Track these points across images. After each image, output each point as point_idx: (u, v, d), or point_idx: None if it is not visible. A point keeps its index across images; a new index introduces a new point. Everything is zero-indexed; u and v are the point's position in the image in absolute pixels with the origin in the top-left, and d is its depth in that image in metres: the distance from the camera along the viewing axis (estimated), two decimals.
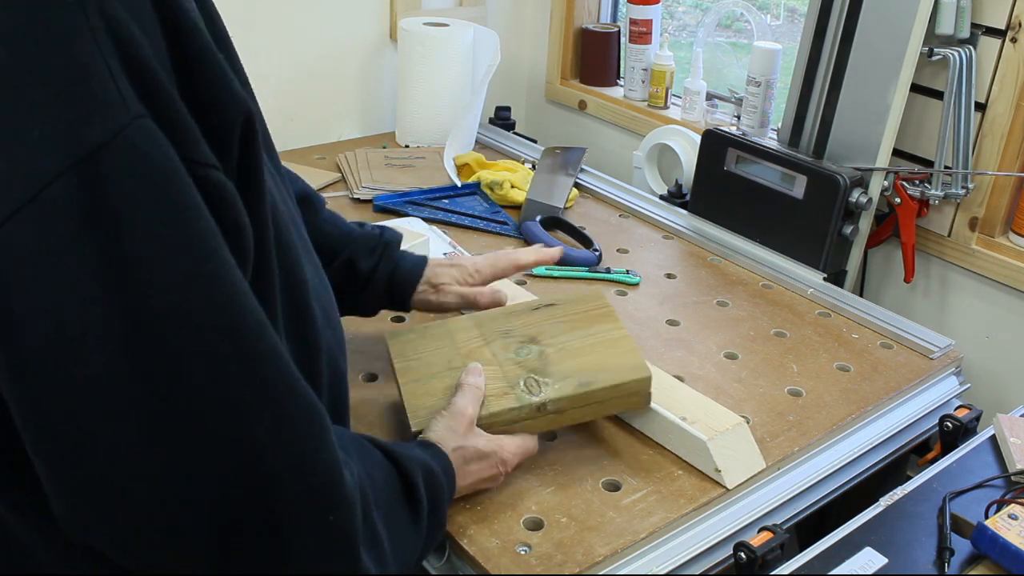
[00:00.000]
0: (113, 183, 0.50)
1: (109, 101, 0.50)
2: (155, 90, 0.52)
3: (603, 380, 0.94)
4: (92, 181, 0.49)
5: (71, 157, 0.49)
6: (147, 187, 0.51)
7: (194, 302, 0.52)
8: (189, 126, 0.54)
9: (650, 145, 1.74)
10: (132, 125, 0.50)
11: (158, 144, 0.51)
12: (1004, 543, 0.84)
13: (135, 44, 0.51)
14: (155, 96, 0.52)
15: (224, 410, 0.53)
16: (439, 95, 1.76)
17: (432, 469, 0.77)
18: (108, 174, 0.50)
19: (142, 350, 0.51)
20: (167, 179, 0.51)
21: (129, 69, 0.51)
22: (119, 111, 0.50)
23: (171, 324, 0.51)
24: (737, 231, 1.48)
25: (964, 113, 1.31)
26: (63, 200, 0.49)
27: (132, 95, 0.51)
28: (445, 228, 1.47)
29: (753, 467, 0.96)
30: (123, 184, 0.50)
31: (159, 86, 0.52)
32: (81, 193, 0.49)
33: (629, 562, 0.86)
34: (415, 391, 0.94)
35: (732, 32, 2.22)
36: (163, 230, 0.51)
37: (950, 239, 1.39)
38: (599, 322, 1.01)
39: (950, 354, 1.21)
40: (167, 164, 0.52)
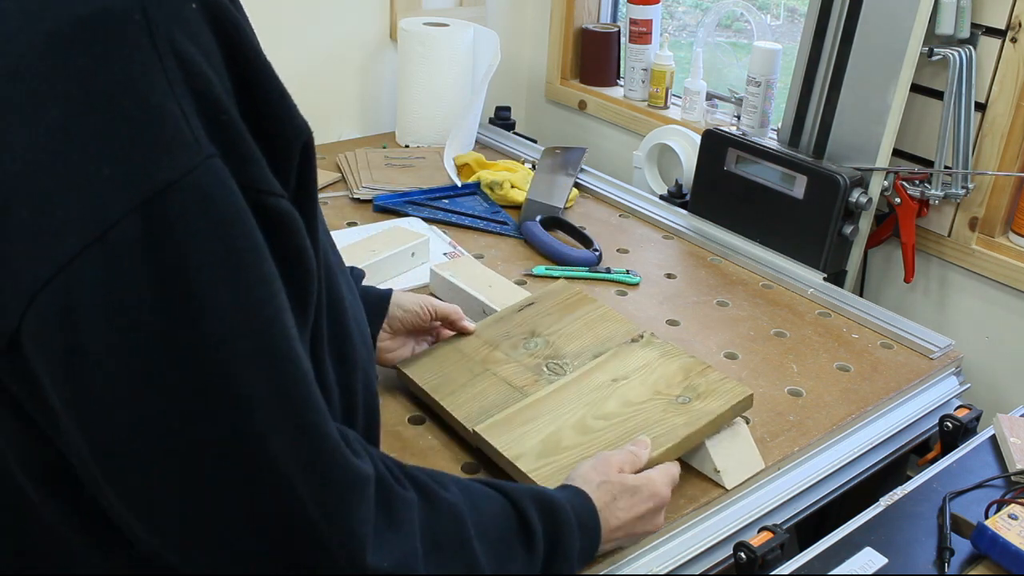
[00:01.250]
0: (179, 225, 0.50)
1: (180, 141, 0.51)
2: (226, 126, 0.53)
3: (611, 347, 1.03)
4: (159, 222, 0.50)
5: (139, 197, 0.49)
6: (212, 229, 0.51)
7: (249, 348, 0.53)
8: (257, 157, 0.55)
9: (650, 145, 1.74)
10: (202, 166, 0.51)
11: (226, 185, 0.52)
12: (1004, 543, 0.84)
13: (205, 80, 0.52)
14: (226, 132, 0.53)
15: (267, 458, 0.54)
16: (439, 95, 1.76)
17: (553, 501, 0.76)
18: (175, 215, 0.50)
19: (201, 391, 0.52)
20: (232, 222, 0.52)
21: (200, 106, 0.52)
22: (190, 151, 0.51)
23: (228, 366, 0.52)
24: (737, 231, 1.48)
25: (964, 113, 1.31)
26: (129, 239, 0.49)
27: (203, 134, 0.51)
28: (445, 228, 1.47)
29: (753, 467, 0.96)
30: (189, 226, 0.50)
31: (230, 122, 0.53)
32: (147, 233, 0.50)
33: (629, 562, 0.86)
34: (455, 401, 0.98)
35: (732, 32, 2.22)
36: (224, 272, 0.52)
37: (950, 239, 1.39)
38: (580, 306, 1.10)
39: (950, 354, 1.21)
40: (233, 206, 0.52)
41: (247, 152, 0.54)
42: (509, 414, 0.95)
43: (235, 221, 0.52)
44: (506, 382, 0.99)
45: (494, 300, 1.16)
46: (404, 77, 1.78)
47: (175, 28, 0.52)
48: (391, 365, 1.05)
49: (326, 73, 1.80)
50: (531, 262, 1.38)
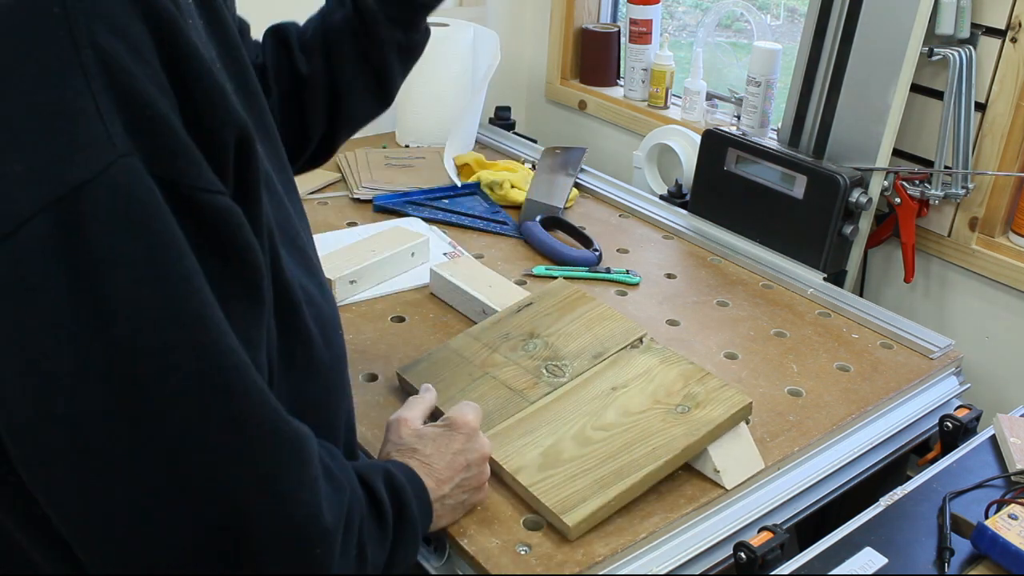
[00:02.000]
0: (92, 222, 0.49)
1: (94, 139, 0.49)
2: (152, 123, 0.52)
3: (611, 347, 1.03)
4: (71, 220, 0.49)
5: (52, 195, 0.49)
6: (127, 227, 0.50)
7: (171, 342, 0.51)
8: (190, 153, 0.53)
9: (650, 145, 1.74)
10: (116, 164, 0.50)
11: (141, 184, 0.51)
12: (1004, 543, 0.84)
13: (129, 76, 0.51)
14: (152, 129, 0.52)
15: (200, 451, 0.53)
16: (439, 95, 1.76)
17: (389, 471, 0.75)
18: (88, 213, 0.49)
19: (117, 390, 0.51)
20: (147, 220, 0.51)
21: (121, 103, 0.51)
22: (104, 149, 0.50)
23: (146, 364, 0.51)
24: (737, 231, 1.48)
25: (964, 113, 1.31)
26: (40, 237, 0.49)
27: (121, 132, 0.50)
28: (445, 228, 1.47)
29: (752, 468, 0.96)
30: (102, 224, 0.49)
31: (157, 118, 0.52)
32: (59, 231, 0.49)
33: (629, 562, 0.86)
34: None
35: (732, 32, 2.22)
36: (142, 270, 0.51)
37: (950, 239, 1.39)
38: (579, 305, 1.10)
39: (950, 354, 1.21)
40: (149, 204, 0.51)
41: (177, 148, 0.53)
42: (509, 425, 0.95)
43: (151, 219, 0.51)
44: (506, 386, 0.99)
45: (494, 300, 1.16)
46: None
47: (96, 22, 0.50)
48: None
49: None
50: (531, 262, 1.38)
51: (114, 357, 0.50)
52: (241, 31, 0.87)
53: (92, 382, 0.50)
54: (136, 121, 0.51)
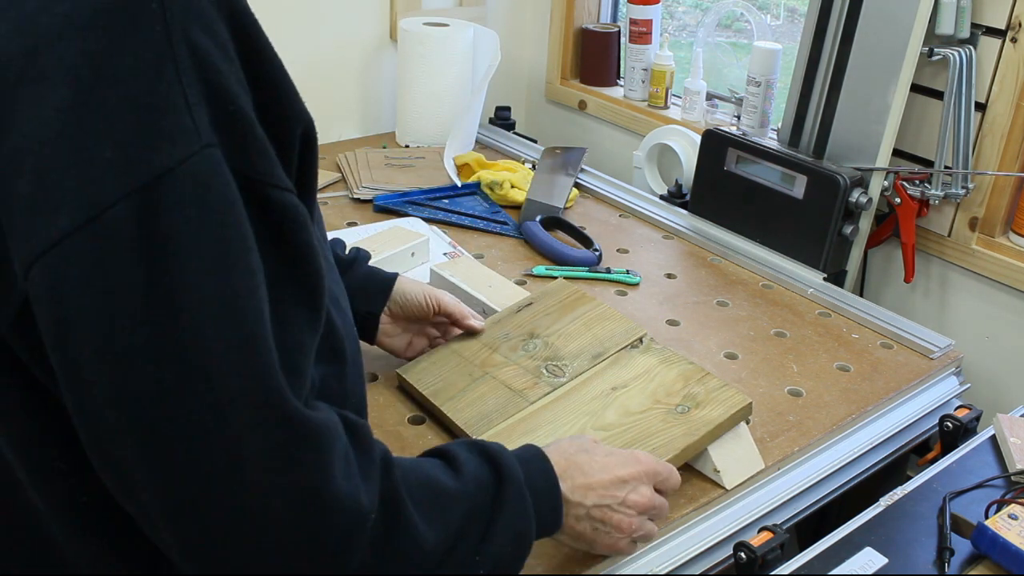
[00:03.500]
0: (172, 210, 0.51)
1: (181, 130, 0.52)
2: (236, 118, 0.54)
3: (610, 347, 1.02)
4: (152, 208, 0.51)
5: (136, 182, 0.51)
6: (202, 219, 0.52)
7: (221, 342, 0.53)
8: (267, 150, 0.56)
9: (650, 145, 1.74)
10: (199, 154, 0.52)
11: (220, 175, 0.53)
12: (1004, 543, 0.84)
13: (217, 72, 0.53)
14: (232, 122, 0.54)
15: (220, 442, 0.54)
16: (439, 95, 1.76)
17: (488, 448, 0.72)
18: (168, 201, 0.51)
19: (168, 375, 0.52)
20: (223, 212, 0.53)
21: (209, 97, 0.53)
22: (189, 140, 0.52)
23: (203, 354, 0.53)
24: (737, 231, 1.48)
25: (964, 113, 1.31)
26: (122, 223, 0.51)
27: (207, 124, 0.53)
28: (445, 228, 1.47)
29: (752, 468, 0.96)
30: (180, 214, 0.52)
31: (240, 114, 0.54)
32: (140, 219, 0.51)
33: (629, 562, 0.86)
34: (455, 407, 0.98)
35: (732, 32, 2.22)
36: (210, 263, 0.53)
37: (950, 239, 1.39)
38: (579, 305, 1.09)
39: (950, 354, 1.21)
40: (226, 196, 0.53)
41: (256, 144, 0.55)
42: (510, 424, 0.95)
43: (226, 211, 0.53)
44: (505, 386, 0.99)
45: (494, 300, 1.16)
46: (404, 77, 1.78)
47: (190, 19, 0.53)
48: (387, 349, 1.05)
49: (326, 73, 1.80)
50: (531, 262, 1.38)
51: (179, 345, 0.52)
52: None
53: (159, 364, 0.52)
54: (220, 115, 0.53)
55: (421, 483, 0.66)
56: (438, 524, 0.64)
